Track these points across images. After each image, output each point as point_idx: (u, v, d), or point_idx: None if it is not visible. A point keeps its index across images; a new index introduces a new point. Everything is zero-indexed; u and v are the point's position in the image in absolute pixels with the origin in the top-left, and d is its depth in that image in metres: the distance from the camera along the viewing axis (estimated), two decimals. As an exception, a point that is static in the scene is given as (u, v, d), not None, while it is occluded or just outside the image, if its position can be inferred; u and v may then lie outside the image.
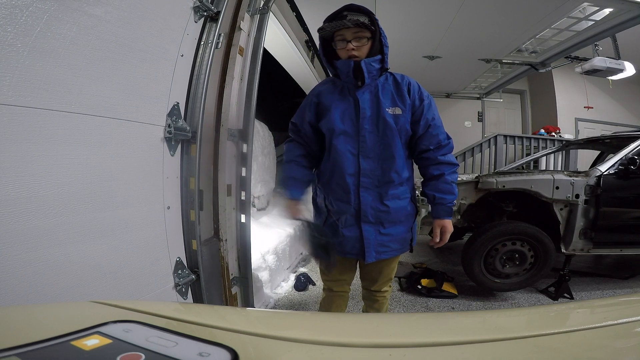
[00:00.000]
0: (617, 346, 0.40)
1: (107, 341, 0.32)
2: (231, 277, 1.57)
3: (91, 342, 0.31)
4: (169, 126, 1.15)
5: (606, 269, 3.25)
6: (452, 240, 3.91)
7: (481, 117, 6.16)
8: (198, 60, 1.29)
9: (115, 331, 0.34)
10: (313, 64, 3.36)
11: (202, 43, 1.29)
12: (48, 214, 0.78)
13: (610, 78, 3.46)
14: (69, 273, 0.83)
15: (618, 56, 3.20)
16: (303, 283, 2.45)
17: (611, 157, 2.38)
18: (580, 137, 5.21)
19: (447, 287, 2.42)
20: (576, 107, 5.72)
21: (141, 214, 1.08)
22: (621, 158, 2.33)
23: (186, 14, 1.21)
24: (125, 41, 0.96)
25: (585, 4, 2.48)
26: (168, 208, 1.19)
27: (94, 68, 0.87)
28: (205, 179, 1.42)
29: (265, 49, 1.81)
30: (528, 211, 2.50)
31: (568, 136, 5.37)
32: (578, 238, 2.30)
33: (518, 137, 5.27)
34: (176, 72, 1.18)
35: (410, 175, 1.24)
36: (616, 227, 2.35)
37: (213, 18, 1.30)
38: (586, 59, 3.32)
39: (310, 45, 3.06)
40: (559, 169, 4.62)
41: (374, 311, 1.40)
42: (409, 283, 2.50)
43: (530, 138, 5.24)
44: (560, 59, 3.55)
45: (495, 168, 4.91)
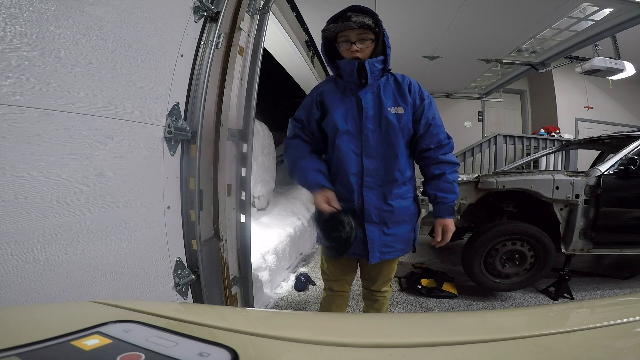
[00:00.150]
0: (617, 346, 0.40)
1: (107, 341, 0.32)
2: (231, 277, 1.57)
3: (91, 342, 0.31)
4: (169, 126, 1.15)
5: (606, 269, 3.25)
6: (452, 240, 3.86)
7: (481, 117, 6.16)
8: (198, 60, 1.28)
9: (115, 331, 0.34)
10: (313, 64, 3.37)
11: (202, 43, 1.29)
12: (48, 214, 0.77)
13: (610, 78, 3.46)
14: (69, 273, 0.83)
15: (618, 56, 3.20)
16: (303, 283, 2.45)
17: (611, 157, 2.38)
18: (580, 137, 5.22)
19: (447, 287, 2.42)
20: (576, 107, 5.72)
21: (141, 214, 1.08)
22: (621, 158, 2.33)
23: (186, 14, 1.21)
24: (125, 41, 0.95)
25: (585, 4, 2.48)
26: (168, 208, 1.19)
27: (94, 68, 0.87)
28: (205, 179, 1.42)
29: (265, 49, 1.81)
30: (528, 211, 2.50)
31: (568, 136, 5.38)
32: (578, 238, 2.30)
33: (518, 137, 5.27)
34: (176, 72, 1.18)
35: (412, 174, 1.24)
36: (616, 227, 2.35)
37: (213, 18, 1.30)
38: (586, 59, 3.32)
39: (310, 45, 3.06)
40: (559, 169, 4.62)
41: (374, 311, 1.40)
42: (409, 283, 2.50)
43: (530, 138, 5.24)
44: (560, 59, 3.55)
45: (495, 168, 4.92)
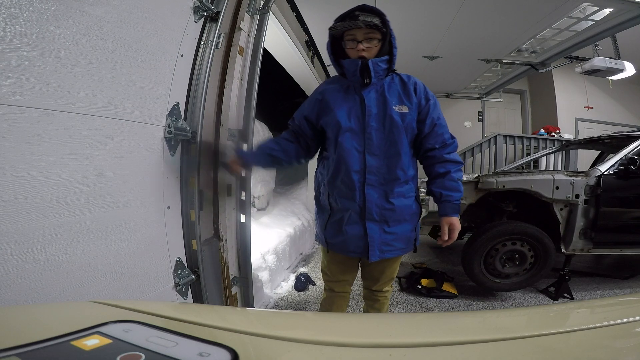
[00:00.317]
0: (617, 346, 0.40)
1: (107, 341, 0.32)
2: (231, 277, 1.57)
3: (91, 342, 0.31)
4: (169, 126, 1.15)
5: (606, 269, 3.25)
6: (452, 240, 3.91)
7: (481, 117, 6.16)
8: (198, 60, 1.28)
9: (115, 331, 0.34)
10: (313, 64, 3.36)
11: (202, 43, 1.29)
12: (48, 214, 0.77)
13: (610, 78, 3.46)
14: (69, 273, 0.83)
15: (618, 56, 3.19)
16: (303, 283, 2.45)
17: (611, 157, 2.38)
18: (580, 137, 5.21)
19: (447, 287, 2.42)
20: (576, 107, 5.72)
21: (141, 214, 1.08)
22: (621, 158, 2.33)
23: (186, 14, 1.21)
24: (125, 41, 0.95)
25: (585, 4, 2.48)
26: (168, 208, 1.19)
27: (94, 68, 0.87)
28: (205, 179, 1.42)
29: (265, 49, 1.80)
30: (528, 211, 2.50)
31: (568, 136, 5.37)
32: (578, 238, 2.30)
33: (518, 137, 5.27)
34: (176, 72, 1.18)
35: (415, 173, 1.24)
36: (616, 227, 2.35)
37: (213, 18, 1.30)
38: (586, 59, 3.31)
39: (310, 45, 3.06)
40: (559, 169, 4.62)
41: (375, 311, 1.40)
42: (409, 283, 2.50)
43: (530, 138, 5.23)
44: (560, 59, 3.54)
45: (495, 168, 4.91)
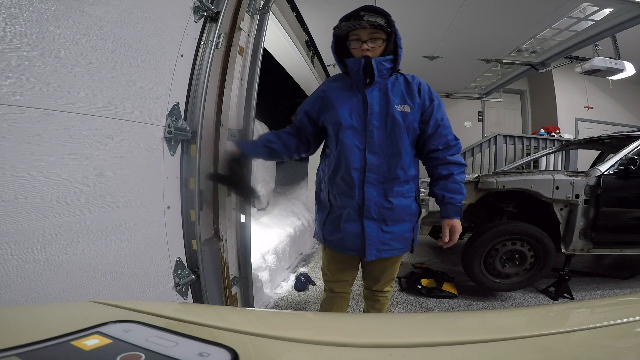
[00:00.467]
0: (617, 346, 0.40)
1: (107, 341, 0.32)
2: (231, 277, 1.57)
3: (91, 342, 0.31)
4: (169, 126, 1.15)
5: (606, 269, 3.25)
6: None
7: (481, 117, 6.16)
8: (198, 60, 1.28)
9: (115, 331, 0.34)
10: (313, 64, 3.36)
11: (202, 43, 1.29)
12: (48, 214, 0.77)
13: (610, 78, 3.46)
14: (69, 273, 0.83)
15: (618, 56, 3.19)
16: (303, 283, 2.45)
17: (611, 157, 2.38)
18: (580, 137, 5.21)
19: (447, 287, 2.42)
20: (576, 107, 5.71)
21: (141, 214, 1.08)
22: (621, 158, 2.33)
23: (186, 14, 1.21)
24: (125, 41, 0.95)
25: (585, 4, 2.48)
26: (168, 208, 1.18)
27: (94, 68, 0.87)
28: (205, 179, 1.42)
29: (265, 49, 1.80)
30: (528, 211, 2.50)
31: (568, 136, 5.37)
32: (578, 238, 2.30)
33: (518, 137, 5.26)
34: (176, 72, 1.18)
35: (416, 174, 1.24)
36: (616, 227, 2.35)
37: (213, 18, 1.30)
38: (586, 59, 3.31)
39: (310, 45, 3.06)
40: (559, 169, 4.62)
41: (375, 311, 1.40)
42: (409, 283, 2.50)
43: (530, 138, 5.23)
44: (560, 59, 3.54)
45: (495, 168, 4.91)
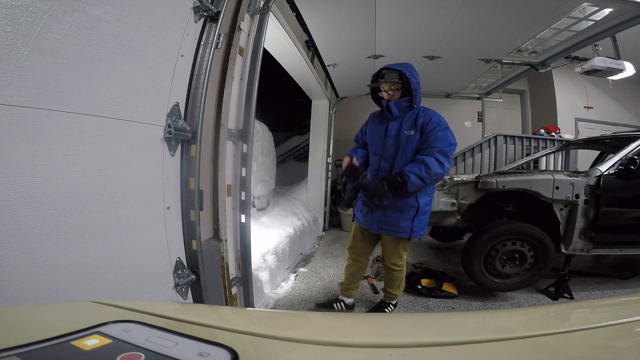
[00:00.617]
0: (617, 346, 0.40)
1: (107, 341, 0.32)
2: (231, 277, 1.57)
3: (91, 342, 0.31)
4: (169, 126, 1.15)
5: (606, 269, 3.25)
6: (452, 240, 3.92)
7: (481, 117, 6.15)
8: (198, 60, 1.28)
9: (115, 331, 0.34)
10: (313, 64, 3.36)
11: (202, 43, 1.29)
12: (48, 214, 0.77)
13: (610, 78, 3.45)
14: (69, 273, 0.83)
15: (618, 56, 3.19)
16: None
17: (611, 157, 2.38)
18: (580, 137, 5.21)
19: (447, 287, 2.42)
20: (576, 107, 5.71)
21: (141, 214, 1.08)
22: (621, 158, 2.33)
23: (186, 14, 1.21)
24: (125, 41, 0.95)
25: (585, 4, 2.47)
26: (168, 208, 1.19)
27: (94, 68, 0.87)
28: (205, 179, 1.42)
29: (265, 49, 1.81)
30: (528, 211, 2.50)
31: (568, 136, 5.36)
32: (578, 238, 2.30)
33: (518, 137, 5.25)
34: (176, 72, 1.18)
35: None
36: (616, 227, 2.35)
37: (213, 18, 1.30)
38: (586, 59, 3.31)
39: (310, 45, 3.05)
40: (559, 169, 4.62)
41: (386, 280, 1.93)
42: (409, 283, 2.50)
43: (530, 138, 5.22)
44: (560, 59, 3.53)
45: (495, 168, 4.90)
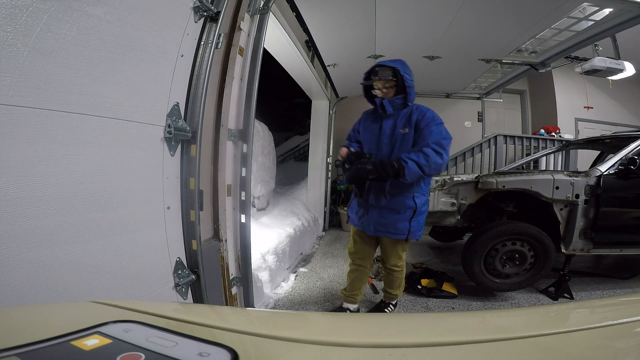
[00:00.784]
0: (617, 346, 0.40)
1: (107, 341, 0.32)
2: (231, 277, 1.57)
3: (91, 342, 0.31)
4: (169, 126, 1.15)
5: (606, 269, 3.25)
6: (452, 240, 3.92)
7: (481, 117, 6.15)
8: (198, 60, 1.28)
9: (115, 331, 0.34)
10: (313, 64, 3.36)
11: (202, 43, 1.29)
12: (48, 214, 0.77)
13: (610, 78, 3.45)
14: (69, 273, 0.83)
15: (618, 56, 3.19)
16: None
17: (611, 157, 2.38)
18: (580, 137, 5.21)
19: (447, 287, 2.42)
20: (576, 107, 5.71)
21: (141, 214, 1.08)
22: (621, 158, 2.33)
23: (186, 14, 1.21)
24: (125, 41, 0.95)
25: (585, 4, 2.47)
26: (168, 208, 1.19)
27: (94, 68, 0.87)
28: (205, 179, 1.42)
29: (265, 49, 1.81)
30: (528, 211, 2.50)
31: (568, 136, 5.36)
32: (578, 238, 2.29)
33: (518, 137, 5.25)
34: (176, 72, 1.18)
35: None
36: (616, 227, 2.35)
37: (213, 18, 1.30)
38: (586, 59, 3.31)
39: (310, 45, 3.05)
40: (559, 169, 4.62)
41: (386, 281, 1.90)
42: (409, 283, 2.50)
43: (530, 138, 5.22)
44: (560, 59, 3.53)
45: (495, 168, 4.90)
